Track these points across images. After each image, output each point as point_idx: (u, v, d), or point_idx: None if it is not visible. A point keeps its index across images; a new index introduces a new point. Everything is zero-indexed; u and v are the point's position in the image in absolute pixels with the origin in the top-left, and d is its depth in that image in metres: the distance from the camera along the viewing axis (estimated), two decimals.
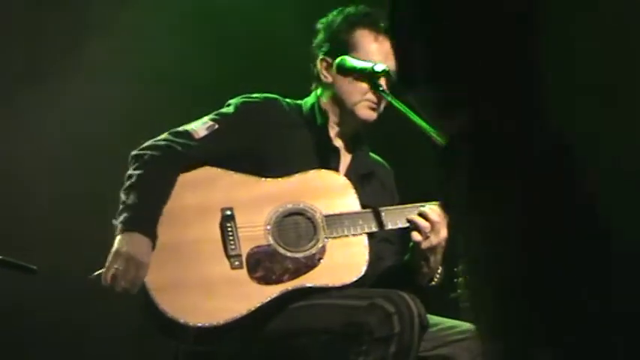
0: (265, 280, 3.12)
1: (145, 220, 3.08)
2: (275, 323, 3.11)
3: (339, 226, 3.22)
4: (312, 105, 3.43)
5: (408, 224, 3.25)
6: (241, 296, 3.08)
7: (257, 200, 3.21)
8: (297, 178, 3.26)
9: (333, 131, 3.42)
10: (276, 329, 3.11)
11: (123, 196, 3.11)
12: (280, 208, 3.21)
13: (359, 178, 3.42)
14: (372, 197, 3.38)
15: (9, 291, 4.12)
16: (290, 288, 3.12)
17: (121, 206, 3.10)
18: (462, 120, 1.24)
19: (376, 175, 3.51)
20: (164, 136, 3.22)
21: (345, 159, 3.45)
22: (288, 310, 3.12)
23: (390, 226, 3.26)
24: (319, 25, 3.44)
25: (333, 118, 3.42)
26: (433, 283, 3.28)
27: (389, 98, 3.25)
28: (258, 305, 3.07)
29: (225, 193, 3.20)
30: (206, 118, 3.29)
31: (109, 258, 3.02)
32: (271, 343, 3.11)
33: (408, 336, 2.92)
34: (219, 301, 3.06)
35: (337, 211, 3.24)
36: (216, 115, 3.31)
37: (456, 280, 5.09)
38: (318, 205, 3.24)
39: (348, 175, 3.40)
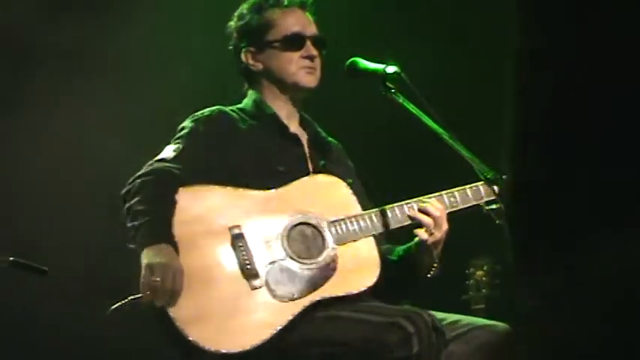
0: (286, 297, 3.10)
1: (165, 232, 3.05)
2: (292, 333, 3.08)
3: (345, 231, 3.21)
4: (255, 101, 3.44)
5: (410, 221, 3.26)
6: (267, 318, 3.06)
7: (262, 214, 3.18)
8: (295, 187, 3.25)
9: (283, 117, 3.43)
10: (292, 338, 3.08)
11: (131, 222, 3.08)
12: (286, 221, 3.19)
13: (323, 158, 3.43)
14: (338, 171, 3.39)
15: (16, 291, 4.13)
16: (312, 301, 3.11)
17: (133, 231, 3.07)
18: None
19: (333, 149, 3.53)
20: (143, 169, 3.20)
21: (304, 140, 3.45)
22: (305, 320, 3.10)
23: (394, 225, 3.27)
24: (229, 29, 3.48)
25: (278, 104, 3.43)
26: (430, 274, 3.30)
27: (400, 100, 3.25)
28: (285, 324, 3.05)
29: (228, 211, 3.16)
30: (170, 145, 3.28)
31: (143, 273, 2.97)
32: (285, 351, 3.08)
33: (426, 357, 2.93)
34: (247, 326, 3.04)
35: (341, 216, 3.23)
36: (175, 139, 3.30)
37: (467, 282, 5.16)
38: (321, 213, 3.22)
39: (312, 154, 3.42)
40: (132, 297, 3.06)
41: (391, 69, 3.25)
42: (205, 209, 3.16)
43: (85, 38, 4.47)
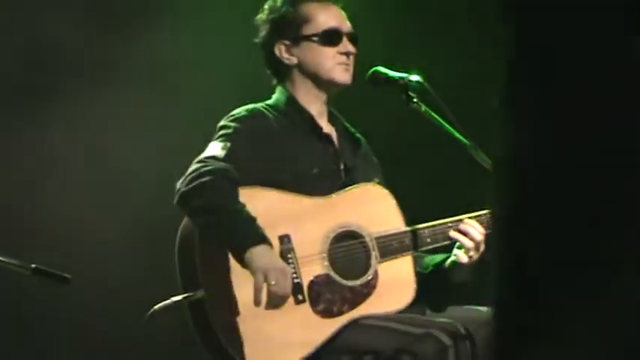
0: (327, 313, 3.10)
1: (259, 232, 2.98)
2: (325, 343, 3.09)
3: (389, 248, 3.21)
4: (288, 98, 3.36)
5: (450, 242, 3.27)
6: (307, 334, 3.06)
7: (311, 225, 3.15)
8: (344, 197, 3.22)
9: (315, 115, 3.37)
10: (324, 345, 3.08)
11: (213, 218, 2.99)
12: (332, 233, 3.17)
13: (353, 155, 3.41)
14: (368, 172, 3.38)
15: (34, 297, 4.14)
16: (350, 319, 3.11)
17: (222, 229, 2.99)
18: None
19: (361, 145, 3.49)
20: (197, 165, 3.08)
21: (334, 138, 3.41)
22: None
23: (434, 244, 3.28)
24: (259, 21, 3.40)
25: (309, 100, 3.36)
26: (461, 289, 3.32)
27: (422, 109, 3.24)
28: (323, 340, 3.06)
29: (278, 218, 3.12)
30: (215, 142, 3.19)
31: (257, 276, 2.90)
32: (315, 358, 3.08)
33: None
34: (286, 343, 3.04)
35: (385, 232, 3.22)
36: (219, 137, 3.21)
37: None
38: (367, 226, 3.21)
39: (344, 157, 3.37)
40: (175, 298, 3.03)
41: (414, 78, 3.24)
42: (257, 214, 3.05)
43: (115, 48, 4.47)
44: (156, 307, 3.03)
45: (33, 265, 3.12)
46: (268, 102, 3.38)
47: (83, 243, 4.33)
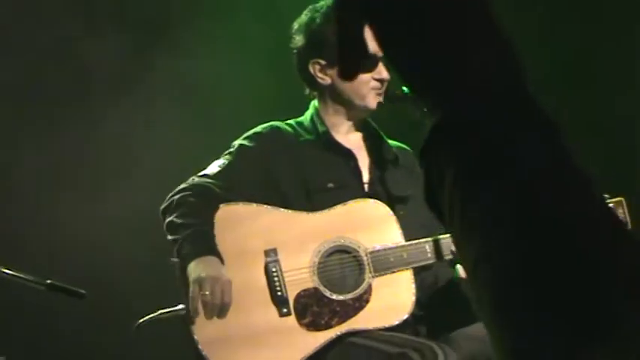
0: (314, 326, 3.09)
1: (210, 244, 3.05)
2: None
3: (384, 263, 3.17)
4: (312, 115, 3.40)
5: (452, 256, 3.22)
6: (291, 346, 3.06)
7: (299, 239, 3.16)
8: (337, 211, 3.21)
9: (339, 134, 3.38)
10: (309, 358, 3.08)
11: (172, 236, 3.09)
12: (323, 247, 3.16)
13: (384, 168, 3.39)
14: (402, 185, 3.35)
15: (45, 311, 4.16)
16: (339, 333, 3.10)
17: (175, 245, 3.07)
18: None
19: (400, 161, 3.45)
20: (183, 184, 3.21)
21: (362, 156, 3.40)
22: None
23: (434, 260, 3.22)
24: (295, 28, 3.37)
25: (338, 120, 3.38)
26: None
27: None
28: (309, 353, 3.05)
29: (265, 232, 3.15)
30: (217, 160, 3.29)
31: (192, 288, 2.98)
32: None
33: None
34: (271, 354, 3.04)
35: (381, 246, 3.19)
36: (224, 155, 3.31)
37: None
38: (361, 241, 3.19)
39: (372, 170, 3.37)
40: (161, 311, 3.05)
41: None
42: (243, 229, 3.14)
43: (133, 60, 4.52)
44: (141, 320, 3.05)
45: (48, 281, 3.13)
46: (298, 118, 3.43)
47: (103, 258, 4.35)
